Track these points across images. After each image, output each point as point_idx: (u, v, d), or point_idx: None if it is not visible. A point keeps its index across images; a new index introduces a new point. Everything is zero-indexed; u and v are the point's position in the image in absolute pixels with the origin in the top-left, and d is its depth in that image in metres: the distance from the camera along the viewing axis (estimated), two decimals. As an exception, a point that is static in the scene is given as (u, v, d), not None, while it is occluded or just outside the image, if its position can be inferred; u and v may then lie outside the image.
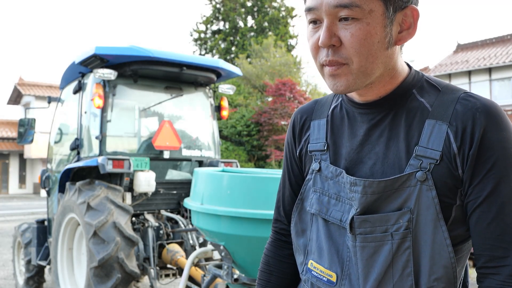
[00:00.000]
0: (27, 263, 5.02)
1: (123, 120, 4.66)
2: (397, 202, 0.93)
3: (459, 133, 0.90)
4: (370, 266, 0.96)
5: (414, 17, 0.95)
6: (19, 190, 27.42)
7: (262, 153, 18.05)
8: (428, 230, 0.91)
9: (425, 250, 0.91)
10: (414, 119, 0.96)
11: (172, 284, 5.21)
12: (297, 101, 17.22)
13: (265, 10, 27.21)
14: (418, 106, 0.97)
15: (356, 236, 0.98)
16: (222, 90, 4.80)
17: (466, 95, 0.94)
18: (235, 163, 4.70)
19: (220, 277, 2.94)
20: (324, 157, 1.08)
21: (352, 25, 0.89)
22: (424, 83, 1.00)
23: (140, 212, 4.40)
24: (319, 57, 0.95)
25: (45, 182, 5.08)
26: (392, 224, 0.93)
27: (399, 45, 0.97)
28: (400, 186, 0.93)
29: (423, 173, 0.91)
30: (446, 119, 0.92)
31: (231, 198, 2.59)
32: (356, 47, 0.90)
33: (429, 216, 0.91)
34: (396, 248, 0.93)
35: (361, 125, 1.03)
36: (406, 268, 0.92)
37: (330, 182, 1.05)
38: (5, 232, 10.82)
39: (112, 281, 3.46)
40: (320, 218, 1.07)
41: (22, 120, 5.20)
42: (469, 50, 21.11)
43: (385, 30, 0.92)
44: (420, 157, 0.92)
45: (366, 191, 0.96)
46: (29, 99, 25.26)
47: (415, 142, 0.94)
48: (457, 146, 0.90)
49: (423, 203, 0.91)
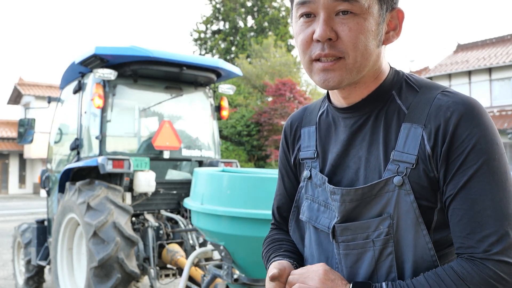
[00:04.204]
0: (27, 263, 5.02)
1: (123, 120, 4.66)
2: (376, 208, 0.93)
3: (432, 134, 0.89)
4: (355, 273, 0.96)
5: (400, 18, 0.97)
6: (19, 190, 27.42)
7: (262, 153, 18.05)
8: (409, 234, 0.90)
9: (407, 254, 0.91)
10: (392, 122, 0.96)
11: (172, 284, 5.21)
12: (297, 101, 17.22)
13: (265, 10, 27.23)
14: (395, 109, 0.96)
15: (339, 244, 0.98)
16: (222, 90, 4.80)
17: (442, 94, 0.92)
18: (235, 163, 4.70)
19: (220, 277, 2.94)
20: (314, 164, 1.08)
21: (350, 20, 0.89)
22: (404, 83, 0.99)
23: (140, 212, 4.40)
24: (310, 51, 0.93)
25: (45, 182, 5.08)
26: (373, 231, 0.93)
27: (385, 44, 0.97)
28: (379, 192, 0.93)
29: (400, 178, 0.91)
30: (421, 121, 0.91)
31: (231, 198, 2.59)
32: (354, 41, 0.89)
33: (409, 221, 0.90)
34: (378, 255, 0.93)
35: (344, 130, 1.02)
36: (390, 274, 0.92)
37: (319, 189, 1.06)
38: (5, 232, 10.82)
39: (112, 281, 3.45)
40: (311, 225, 1.08)
41: (22, 120, 5.20)
42: (469, 50, 21.11)
43: (378, 28, 0.93)
44: (396, 161, 0.92)
45: (344, 199, 0.96)
46: (29, 99, 25.26)
47: (392, 146, 0.94)
48: (431, 147, 0.89)
49: (402, 208, 0.90)
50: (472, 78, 19.36)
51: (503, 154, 0.88)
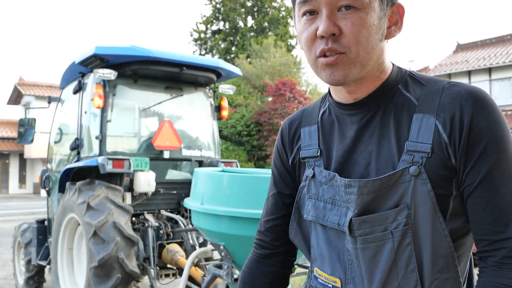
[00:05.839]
0: (27, 263, 5.02)
1: (123, 120, 4.65)
2: (393, 199, 0.93)
3: (447, 122, 0.90)
4: (374, 267, 0.95)
5: (400, 13, 0.98)
6: (19, 190, 27.43)
7: (262, 153, 18.05)
8: (427, 223, 0.91)
9: (425, 244, 0.91)
10: (402, 114, 0.96)
11: (172, 284, 5.21)
12: (297, 101, 17.23)
13: (265, 10, 27.23)
14: (404, 101, 0.97)
15: (356, 238, 0.97)
16: (222, 90, 4.80)
17: (449, 85, 0.94)
18: (235, 163, 4.70)
19: (220, 277, 2.94)
20: (317, 163, 1.08)
21: (352, 14, 0.90)
22: (408, 78, 1.01)
23: (140, 212, 4.40)
24: (314, 48, 0.94)
25: (45, 182, 5.08)
26: (391, 222, 0.93)
27: (387, 39, 0.98)
28: (395, 182, 0.93)
29: (416, 168, 0.91)
30: (433, 111, 0.92)
31: (231, 198, 2.59)
32: (357, 35, 0.90)
33: (426, 210, 0.90)
34: (397, 246, 0.93)
35: (351, 126, 1.02)
36: (409, 265, 0.92)
37: (325, 187, 1.05)
38: (5, 232, 10.82)
39: (112, 281, 3.45)
40: (318, 224, 1.07)
41: (22, 120, 5.20)
42: (469, 50, 21.12)
43: (380, 22, 0.93)
44: (411, 152, 0.92)
45: (362, 191, 0.95)
46: (29, 99, 25.26)
47: (405, 137, 0.94)
48: (447, 135, 0.90)
49: (419, 198, 0.91)
50: (472, 78, 19.37)
51: None
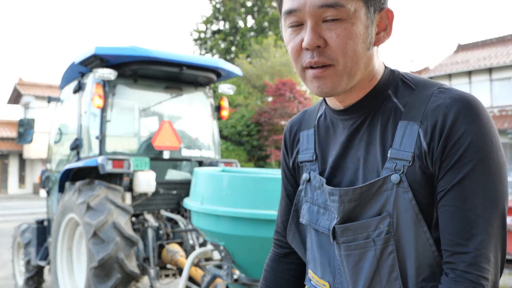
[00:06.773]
0: (26, 263, 5.02)
1: (123, 120, 4.65)
2: (376, 207, 0.93)
3: (429, 130, 0.89)
4: (357, 273, 0.96)
5: (389, 18, 0.97)
6: (18, 190, 27.42)
7: (262, 153, 18.04)
8: (410, 232, 0.90)
9: (409, 252, 0.91)
10: (388, 121, 0.95)
11: (172, 284, 5.21)
12: (297, 101, 17.21)
13: (265, 10, 27.22)
14: (392, 107, 0.96)
15: (340, 245, 0.98)
16: (222, 90, 4.80)
17: (438, 91, 0.92)
18: (235, 163, 4.70)
19: (220, 277, 2.94)
20: (313, 167, 1.09)
21: (337, 26, 0.89)
22: (399, 82, 0.99)
23: (140, 212, 4.40)
24: (301, 60, 0.93)
25: (44, 182, 5.08)
26: (373, 230, 0.93)
27: (377, 45, 0.97)
28: (377, 190, 0.93)
29: (398, 176, 0.90)
30: (417, 118, 0.91)
31: (231, 198, 2.58)
32: (342, 47, 0.89)
33: (408, 218, 0.90)
34: (379, 254, 0.93)
35: (343, 132, 1.03)
36: (392, 272, 0.92)
37: (318, 191, 1.06)
38: (5, 232, 10.82)
39: (112, 281, 3.45)
40: (312, 228, 1.08)
41: (21, 120, 5.20)
42: (470, 50, 21.12)
43: (367, 31, 0.92)
44: (394, 159, 0.92)
45: (343, 200, 0.96)
46: (29, 99, 25.26)
47: (389, 144, 0.93)
48: (427, 144, 0.89)
49: (401, 206, 0.90)
50: (473, 78, 19.36)
51: (498, 151, 0.87)
